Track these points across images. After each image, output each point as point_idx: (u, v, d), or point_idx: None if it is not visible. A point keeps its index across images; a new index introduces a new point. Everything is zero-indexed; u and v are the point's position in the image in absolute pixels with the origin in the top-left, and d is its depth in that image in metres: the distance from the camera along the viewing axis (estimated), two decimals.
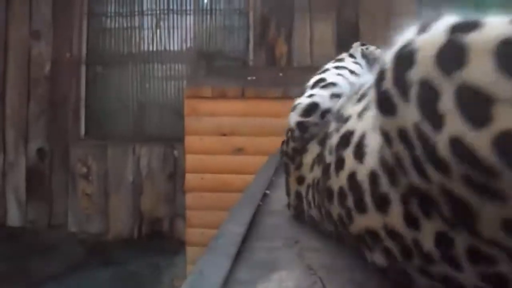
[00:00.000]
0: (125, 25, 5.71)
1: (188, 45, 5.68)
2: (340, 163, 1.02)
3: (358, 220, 0.97)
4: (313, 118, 1.30)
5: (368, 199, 0.90)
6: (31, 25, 5.60)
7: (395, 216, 0.83)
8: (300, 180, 1.41)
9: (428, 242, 0.77)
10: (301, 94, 1.48)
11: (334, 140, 1.09)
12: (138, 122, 5.69)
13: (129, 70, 5.71)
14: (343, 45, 5.13)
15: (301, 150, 1.39)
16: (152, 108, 5.68)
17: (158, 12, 5.69)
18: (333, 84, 1.36)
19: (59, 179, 5.58)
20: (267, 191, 2.00)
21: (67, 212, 5.56)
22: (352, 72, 1.45)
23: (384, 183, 0.84)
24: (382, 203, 0.86)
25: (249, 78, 4.36)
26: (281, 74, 4.64)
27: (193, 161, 4.01)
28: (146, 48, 5.73)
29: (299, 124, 1.33)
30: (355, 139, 0.98)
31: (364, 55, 1.64)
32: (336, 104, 1.28)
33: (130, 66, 5.70)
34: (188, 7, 5.66)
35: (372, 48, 1.69)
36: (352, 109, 1.08)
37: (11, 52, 5.64)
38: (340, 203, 1.04)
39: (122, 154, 5.48)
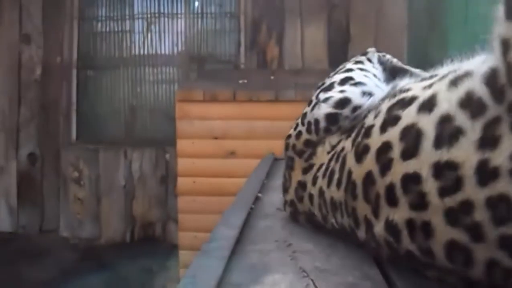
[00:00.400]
0: (116, 29, 5.70)
1: (179, 48, 5.68)
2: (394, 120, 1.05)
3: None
4: (346, 111, 1.35)
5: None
6: (21, 29, 5.58)
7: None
8: (307, 169, 1.43)
9: None
10: (312, 94, 1.52)
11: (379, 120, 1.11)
12: (129, 126, 5.68)
13: (121, 74, 5.70)
14: (334, 48, 5.20)
15: (316, 143, 1.41)
16: (144, 111, 5.67)
17: (149, 16, 5.69)
18: (362, 84, 1.41)
19: (51, 183, 5.56)
20: (259, 194, 2.00)
21: (59, 217, 5.54)
22: (374, 75, 1.50)
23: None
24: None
25: (240, 81, 4.36)
26: (272, 77, 4.64)
27: (185, 165, 4.00)
28: (137, 52, 5.73)
29: (330, 116, 1.38)
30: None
31: (381, 62, 1.66)
32: (367, 102, 1.34)
33: (121, 70, 5.70)
34: (179, 11, 5.66)
35: (388, 56, 1.71)
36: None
37: (1, 56, 5.61)
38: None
39: (114, 158, 5.46)
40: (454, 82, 0.94)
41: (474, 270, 0.89)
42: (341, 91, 1.40)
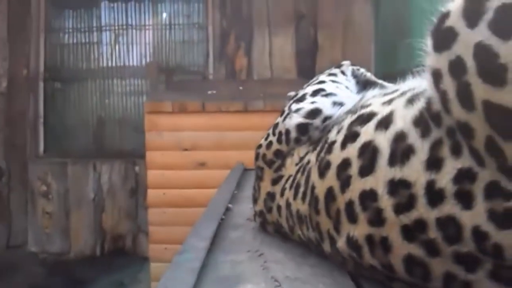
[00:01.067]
0: (83, 40, 5.66)
1: (148, 60, 5.66)
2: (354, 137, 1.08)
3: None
4: (316, 121, 1.38)
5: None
6: None
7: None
8: (277, 180, 1.44)
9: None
10: (284, 105, 1.54)
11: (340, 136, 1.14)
12: (98, 138, 5.63)
13: (88, 86, 5.66)
14: (302, 58, 5.23)
15: (286, 153, 1.43)
16: (112, 124, 5.64)
17: (116, 27, 5.66)
18: (333, 94, 1.44)
19: (18, 198, 5.47)
20: (230, 205, 2.00)
21: (27, 231, 5.46)
22: (347, 87, 1.54)
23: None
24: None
25: (209, 92, 4.37)
26: (241, 88, 4.65)
27: (155, 177, 3.98)
28: (105, 64, 5.69)
29: (301, 126, 1.40)
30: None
31: (354, 75, 1.69)
32: (337, 112, 1.37)
33: (89, 82, 5.66)
34: (147, 22, 5.65)
35: (362, 70, 1.74)
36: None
37: None
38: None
39: (83, 171, 5.41)
40: (411, 100, 0.98)
41: (433, 283, 0.91)
42: (312, 102, 1.42)
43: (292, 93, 1.63)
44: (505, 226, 0.78)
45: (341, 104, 1.39)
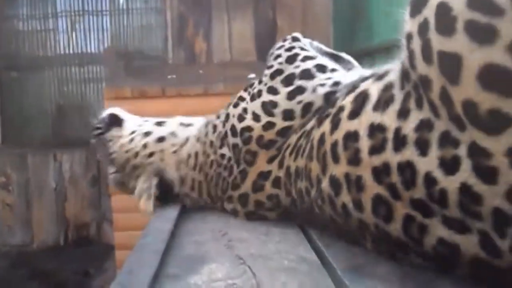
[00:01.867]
0: (39, 27, 5.55)
1: (106, 46, 5.59)
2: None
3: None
4: (339, 88, 1.45)
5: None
6: None
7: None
8: (273, 157, 1.52)
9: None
10: (242, 86, 1.72)
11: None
12: (57, 127, 5.55)
13: (46, 74, 5.56)
14: (261, 40, 5.23)
15: (296, 128, 1.49)
16: (72, 112, 5.56)
17: (73, 13, 5.56)
18: (336, 69, 1.55)
19: None
20: None
21: None
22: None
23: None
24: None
25: (169, 76, 4.33)
26: (201, 71, 4.63)
27: None
28: (62, 51, 5.60)
29: (328, 94, 1.46)
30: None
31: (313, 47, 1.75)
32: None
33: (46, 70, 5.55)
34: (103, 8, 5.56)
35: (315, 42, 1.82)
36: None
37: None
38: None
39: (43, 160, 5.33)
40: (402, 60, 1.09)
41: (393, 224, 1.01)
42: (328, 78, 1.50)
43: (252, 75, 1.68)
44: (451, 171, 0.87)
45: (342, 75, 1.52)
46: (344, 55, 1.73)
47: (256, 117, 1.53)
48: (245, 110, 1.57)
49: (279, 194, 1.48)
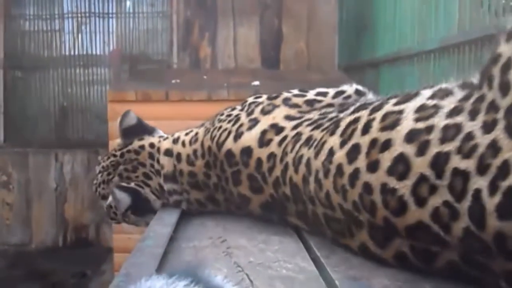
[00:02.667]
0: (45, 28, 5.56)
1: (111, 48, 5.60)
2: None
3: None
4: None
5: None
6: None
7: None
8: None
9: None
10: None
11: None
12: (60, 128, 5.56)
13: (50, 74, 5.57)
14: (266, 48, 5.23)
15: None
16: (75, 113, 5.57)
17: (79, 15, 5.58)
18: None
19: None
20: None
21: None
22: None
23: None
24: None
25: (173, 81, 4.34)
26: (205, 77, 4.63)
27: None
28: (67, 52, 5.62)
29: (358, 90, 1.74)
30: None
31: None
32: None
33: (51, 71, 5.57)
34: (110, 10, 5.58)
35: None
36: None
37: None
38: None
39: (44, 161, 5.33)
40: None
41: (405, 182, 1.08)
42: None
43: (256, 83, 1.75)
44: (488, 131, 1.00)
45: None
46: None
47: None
48: None
49: (277, 155, 1.52)
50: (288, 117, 1.61)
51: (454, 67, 2.85)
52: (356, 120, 1.25)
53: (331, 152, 1.27)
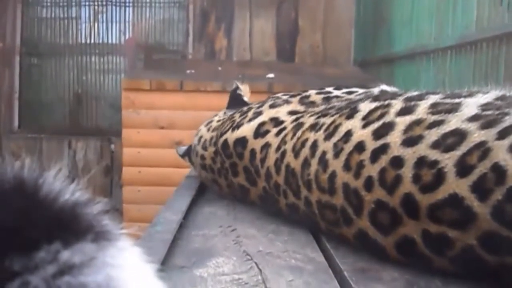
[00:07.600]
0: (61, 15, 5.59)
1: (127, 37, 5.62)
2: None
3: None
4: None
5: None
6: None
7: None
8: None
9: None
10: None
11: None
12: (74, 115, 5.59)
13: (66, 62, 5.60)
14: (282, 41, 5.23)
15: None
16: (89, 101, 5.59)
17: (96, 3, 5.60)
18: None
19: None
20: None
21: None
22: None
23: None
24: None
25: (188, 71, 4.34)
26: (220, 68, 4.63)
27: (131, 155, 3.96)
28: (83, 40, 5.64)
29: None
30: None
31: None
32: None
33: (66, 58, 5.59)
34: (127, 0, 5.59)
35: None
36: None
37: None
38: None
39: (57, 147, 5.36)
40: None
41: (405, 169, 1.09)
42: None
43: (271, 75, 1.76)
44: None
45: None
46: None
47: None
48: None
49: (271, 145, 1.54)
50: (292, 112, 1.61)
51: (471, 64, 2.83)
52: (387, 106, 1.22)
53: (348, 133, 1.24)
